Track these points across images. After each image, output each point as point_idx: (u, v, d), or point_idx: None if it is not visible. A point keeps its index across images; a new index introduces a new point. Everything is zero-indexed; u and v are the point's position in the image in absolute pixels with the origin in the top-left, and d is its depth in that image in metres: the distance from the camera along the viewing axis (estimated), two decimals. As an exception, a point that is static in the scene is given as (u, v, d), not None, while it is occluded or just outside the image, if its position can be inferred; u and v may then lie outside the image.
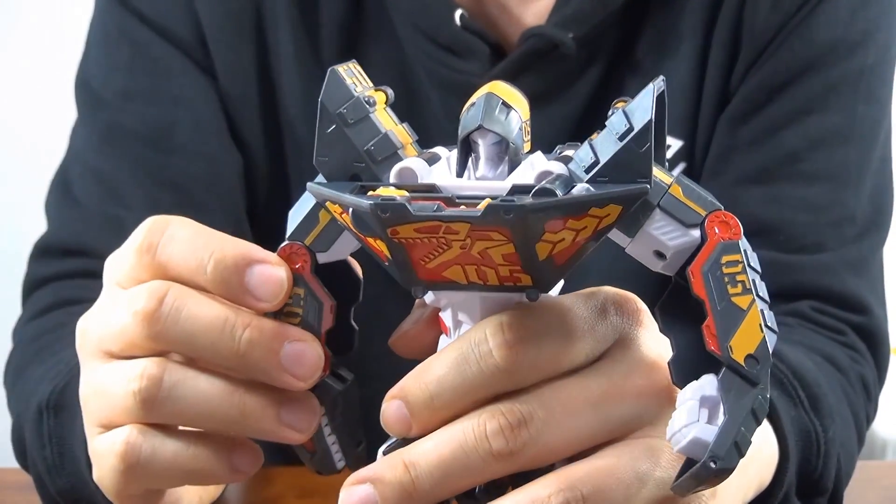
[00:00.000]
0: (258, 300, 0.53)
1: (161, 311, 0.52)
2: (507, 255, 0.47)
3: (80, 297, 0.88)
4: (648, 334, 0.53)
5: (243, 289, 0.52)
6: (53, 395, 0.72)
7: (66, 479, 0.71)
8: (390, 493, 0.50)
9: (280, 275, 0.52)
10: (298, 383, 0.53)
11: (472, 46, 0.90)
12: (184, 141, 0.93)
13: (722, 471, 0.47)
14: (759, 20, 0.90)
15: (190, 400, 0.53)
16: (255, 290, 0.52)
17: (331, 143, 0.52)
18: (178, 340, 0.53)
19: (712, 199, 0.49)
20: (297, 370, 0.53)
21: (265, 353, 0.52)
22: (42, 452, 0.72)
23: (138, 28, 0.93)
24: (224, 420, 0.54)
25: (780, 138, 0.90)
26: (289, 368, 0.52)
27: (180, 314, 0.52)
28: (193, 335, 0.53)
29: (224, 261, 0.53)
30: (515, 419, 0.50)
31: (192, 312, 0.53)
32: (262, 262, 0.53)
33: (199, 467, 0.55)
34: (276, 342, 0.52)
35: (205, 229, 0.54)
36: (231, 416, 0.53)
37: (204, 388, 0.53)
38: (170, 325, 0.52)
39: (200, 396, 0.53)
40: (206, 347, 0.53)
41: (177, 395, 0.53)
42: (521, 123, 0.49)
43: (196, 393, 0.53)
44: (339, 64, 0.53)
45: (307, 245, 0.53)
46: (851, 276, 0.89)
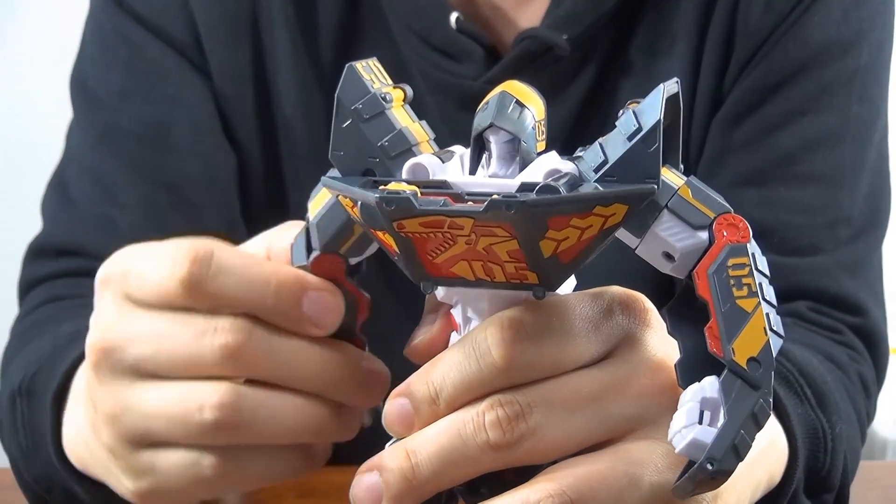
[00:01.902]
0: (317, 327, 0.56)
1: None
2: (512, 252, 0.48)
3: (72, 293, 0.88)
4: (655, 335, 0.53)
5: (301, 317, 0.55)
6: (25, 380, 0.72)
7: (40, 465, 0.71)
8: (393, 480, 0.51)
9: (334, 300, 0.56)
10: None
11: (466, 49, 0.90)
12: (179, 141, 0.93)
13: (719, 473, 0.47)
14: (752, 21, 0.90)
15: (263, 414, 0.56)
16: (314, 318, 0.56)
17: (346, 138, 0.52)
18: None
19: (722, 202, 0.50)
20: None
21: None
22: (16, 438, 0.73)
23: (134, 28, 0.93)
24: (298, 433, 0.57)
25: (775, 140, 0.90)
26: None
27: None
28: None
29: (282, 288, 0.55)
30: (513, 411, 0.50)
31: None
32: (317, 289, 0.55)
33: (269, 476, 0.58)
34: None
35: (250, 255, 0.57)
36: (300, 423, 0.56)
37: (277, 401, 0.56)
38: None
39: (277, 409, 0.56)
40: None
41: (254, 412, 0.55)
42: (535, 122, 0.49)
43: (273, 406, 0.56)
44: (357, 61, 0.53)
45: (343, 255, 0.56)
46: (847, 278, 0.90)
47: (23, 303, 0.92)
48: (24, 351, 0.79)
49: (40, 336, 0.79)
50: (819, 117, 0.90)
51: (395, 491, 0.51)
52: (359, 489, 0.52)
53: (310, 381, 0.56)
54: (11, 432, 0.73)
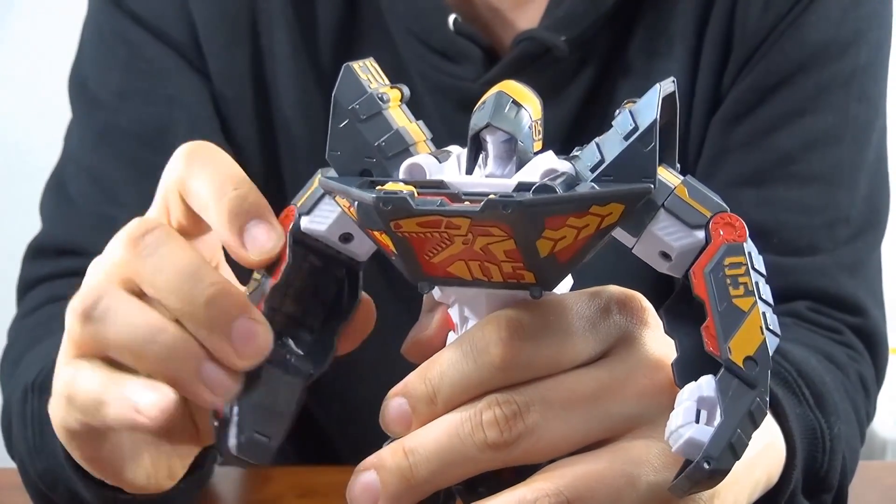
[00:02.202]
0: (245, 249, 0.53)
1: (143, 239, 0.54)
2: (509, 252, 0.48)
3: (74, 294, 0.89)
4: (652, 334, 0.53)
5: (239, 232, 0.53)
6: (40, 376, 0.72)
7: (45, 461, 0.71)
8: (390, 479, 0.51)
9: (275, 241, 0.53)
10: (236, 360, 0.51)
11: (465, 51, 0.90)
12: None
13: (716, 472, 0.47)
14: (750, 21, 0.90)
15: (119, 326, 0.53)
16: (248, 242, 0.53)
17: (343, 138, 0.52)
18: (146, 272, 0.53)
19: (718, 201, 0.50)
20: (244, 347, 0.51)
21: (220, 315, 0.51)
22: (24, 433, 0.73)
23: (133, 29, 0.93)
24: (146, 356, 0.52)
25: (773, 140, 0.90)
26: (236, 342, 0.51)
27: (158, 249, 0.53)
28: (161, 271, 0.52)
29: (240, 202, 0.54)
30: (511, 410, 0.50)
31: (170, 252, 0.53)
32: (268, 223, 0.53)
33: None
34: (235, 310, 0.51)
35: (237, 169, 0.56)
36: (155, 350, 0.52)
37: (136, 317, 0.52)
38: (144, 256, 0.53)
39: (129, 325, 0.52)
40: (168, 288, 0.52)
41: (108, 318, 0.53)
42: (531, 122, 0.50)
43: (126, 321, 0.53)
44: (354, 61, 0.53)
45: (296, 206, 0.54)
46: (846, 278, 0.90)
47: (22, 302, 0.92)
48: (39, 347, 0.79)
49: (52, 334, 0.78)
50: (818, 117, 0.90)
51: (393, 490, 0.51)
52: (356, 488, 0.52)
53: (179, 304, 0.52)
54: (21, 427, 0.73)
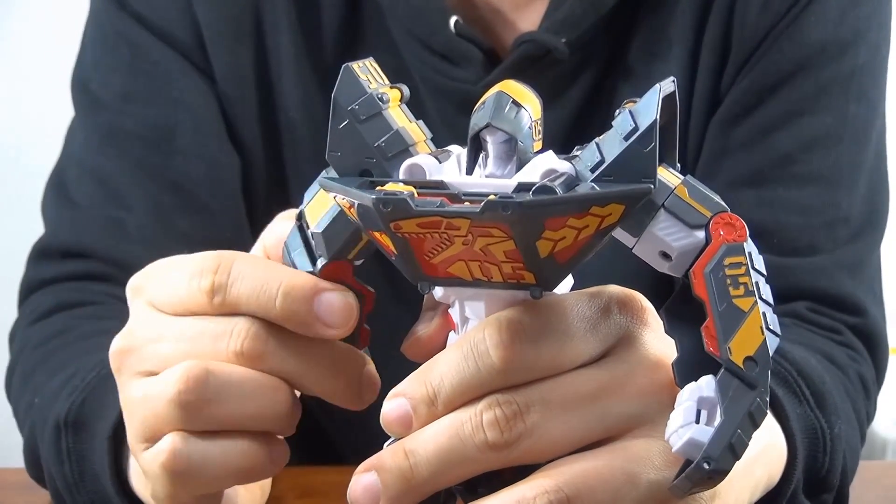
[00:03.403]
0: (329, 326, 0.55)
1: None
2: (509, 252, 0.48)
3: (83, 299, 0.88)
4: (653, 333, 0.53)
5: (313, 317, 0.55)
6: (72, 412, 0.72)
7: (87, 496, 0.71)
8: (391, 480, 0.51)
9: (348, 301, 0.55)
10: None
11: (466, 53, 0.90)
12: (184, 143, 0.93)
13: (716, 472, 0.47)
14: (748, 22, 0.90)
15: (233, 399, 0.55)
16: (325, 318, 0.55)
17: (343, 139, 0.53)
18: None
19: (718, 201, 0.50)
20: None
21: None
22: (61, 469, 0.72)
23: (136, 30, 0.93)
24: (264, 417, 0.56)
25: (772, 140, 0.90)
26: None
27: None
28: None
29: (292, 292, 0.55)
30: (511, 410, 0.50)
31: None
32: (330, 290, 0.55)
33: (245, 464, 0.56)
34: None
35: (269, 263, 0.57)
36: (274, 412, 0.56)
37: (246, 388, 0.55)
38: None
39: (244, 395, 0.55)
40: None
41: (219, 397, 0.55)
42: (531, 122, 0.50)
43: (240, 392, 0.55)
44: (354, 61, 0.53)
45: (351, 260, 0.56)
46: (846, 278, 0.90)
47: (26, 304, 0.92)
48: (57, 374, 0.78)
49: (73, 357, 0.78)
50: (817, 118, 0.90)
51: (394, 491, 0.51)
52: (357, 489, 0.52)
53: (319, 383, 0.56)
54: (56, 462, 0.73)
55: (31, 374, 0.82)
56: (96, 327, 0.83)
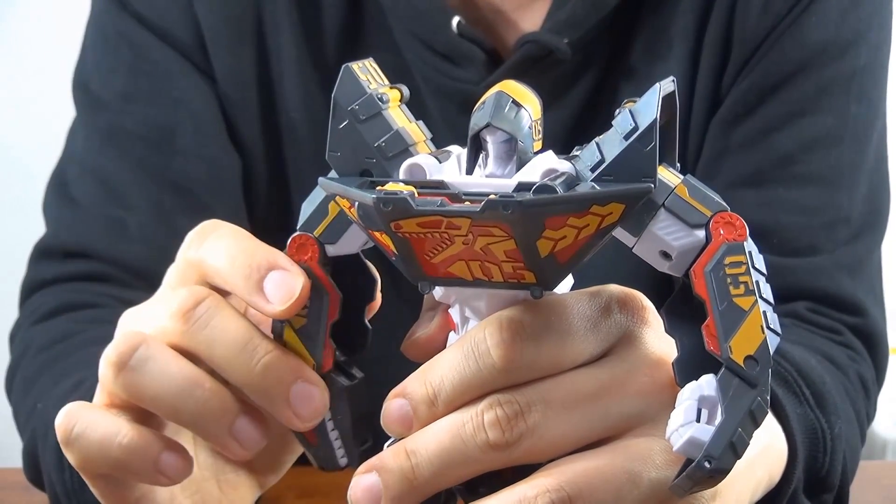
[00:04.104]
0: (269, 302, 0.53)
1: (195, 311, 0.54)
2: (509, 252, 0.48)
3: (84, 301, 0.88)
4: (653, 332, 0.53)
5: (259, 288, 0.53)
6: None
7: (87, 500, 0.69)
8: (393, 481, 0.51)
9: (295, 283, 0.53)
10: (298, 423, 0.54)
11: (468, 54, 0.90)
12: (185, 143, 0.93)
13: (717, 471, 0.47)
14: (749, 22, 0.90)
15: (155, 377, 0.53)
16: (269, 293, 0.53)
17: (343, 139, 0.52)
18: (202, 344, 0.54)
19: (719, 200, 0.50)
20: (302, 409, 0.54)
21: (276, 383, 0.53)
22: (61, 476, 0.72)
23: (137, 31, 0.94)
24: (181, 410, 0.54)
25: (773, 140, 0.90)
26: (294, 405, 0.54)
27: (210, 320, 0.54)
28: (216, 343, 0.54)
29: (250, 261, 0.53)
30: (512, 410, 0.50)
31: (222, 323, 0.54)
32: (283, 269, 0.53)
33: (123, 457, 0.54)
34: (291, 375, 0.53)
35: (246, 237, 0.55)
36: (191, 405, 0.54)
37: (173, 370, 0.54)
38: (198, 329, 0.54)
39: (166, 377, 0.54)
40: (225, 359, 0.53)
41: (145, 368, 0.53)
42: (531, 122, 0.50)
43: (163, 373, 0.54)
44: (354, 61, 0.53)
45: (316, 236, 0.54)
46: (846, 278, 0.90)
47: (26, 304, 0.92)
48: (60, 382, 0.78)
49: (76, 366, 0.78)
50: (817, 118, 0.90)
51: (395, 492, 0.51)
52: (358, 490, 0.52)
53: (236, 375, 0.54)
54: (56, 469, 0.73)
55: (35, 379, 0.82)
56: (100, 333, 0.82)
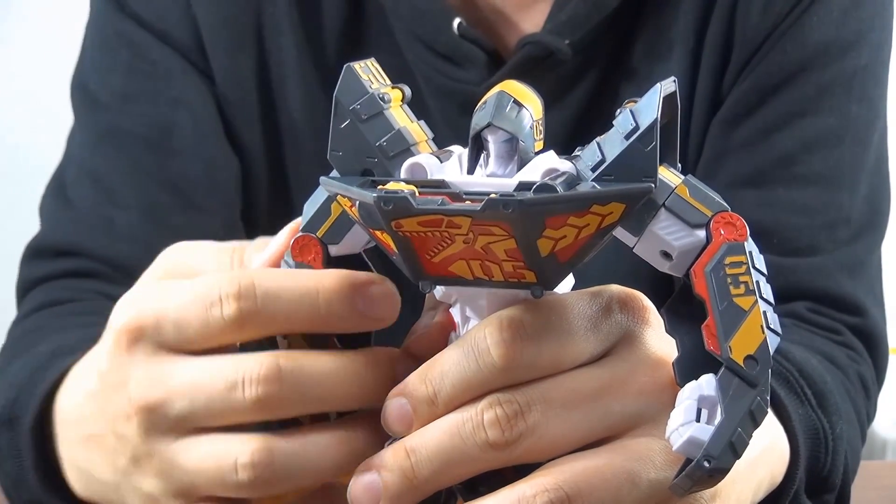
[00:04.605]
0: (378, 321, 0.54)
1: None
2: (510, 251, 0.48)
3: (68, 297, 0.88)
4: (654, 332, 0.54)
5: (360, 316, 0.53)
6: (7, 408, 0.69)
7: (30, 492, 0.68)
8: (392, 479, 0.51)
9: (387, 288, 0.53)
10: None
11: (469, 55, 0.90)
12: (182, 143, 0.93)
13: (716, 471, 0.48)
14: (750, 22, 0.90)
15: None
16: (372, 313, 0.53)
17: (344, 138, 0.53)
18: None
19: (719, 200, 0.50)
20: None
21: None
22: (3, 467, 0.70)
23: (136, 31, 0.94)
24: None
25: (774, 141, 0.90)
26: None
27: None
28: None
29: (333, 296, 0.53)
30: (512, 410, 0.50)
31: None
32: (367, 285, 0.53)
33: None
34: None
35: (287, 271, 0.54)
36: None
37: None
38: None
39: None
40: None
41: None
42: (533, 122, 0.50)
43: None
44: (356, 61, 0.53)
45: (319, 237, 0.54)
46: (846, 278, 0.90)
47: (21, 304, 0.92)
48: (8, 370, 0.76)
49: (24, 352, 0.76)
50: (818, 118, 0.90)
51: (395, 490, 0.51)
52: (357, 488, 0.52)
53: (347, 399, 0.54)
54: (2, 459, 0.71)
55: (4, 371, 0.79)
56: (63, 325, 0.82)
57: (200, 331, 0.53)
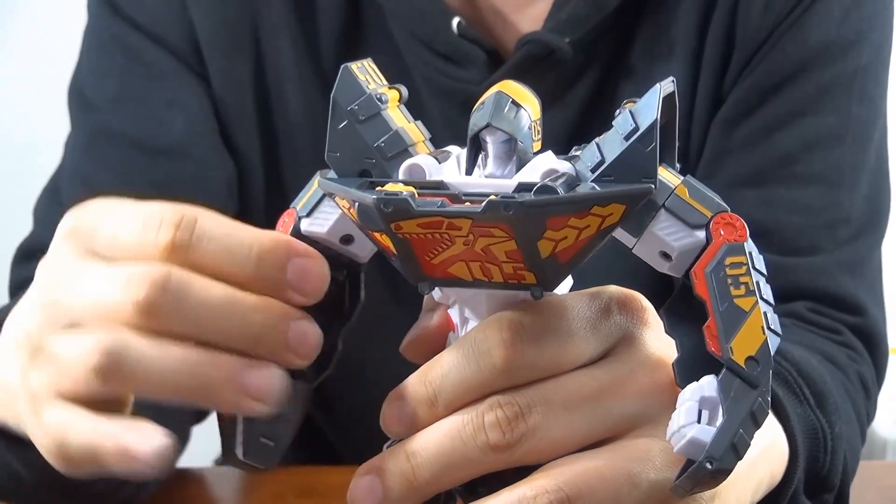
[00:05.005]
0: (300, 294, 0.51)
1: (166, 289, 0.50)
2: (510, 252, 0.48)
3: None
4: (653, 333, 0.53)
5: (285, 283, 0.51)
6: None
7: None
8: (392, 483, 0.51)
9: (321, 269, 0.51)
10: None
11: (469, 54, 0.90)
12: (173, 143, 0.93)
13: (718, 472, 0.47)
14: (751, 22, 0.90)
15: (151, 365, 0.50)
16: (297, 285, 0.51)
17: (342, 139, 0.52)
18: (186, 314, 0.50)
19: (719, 201, 0.50)
20: (300, 348, 0.51)
21: (271, 328, 0.50)
22: None
23: (131, 34, 0.93)
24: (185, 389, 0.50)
25: (774, 140, 0.90)
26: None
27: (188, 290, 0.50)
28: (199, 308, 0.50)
29: (267, 256, 0.51)
30: (513, 412, 0.50)
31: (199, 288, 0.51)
32: (303, 257, 0.51)
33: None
34: (285, 318, 0.50)
35: (235, 223, 0.53)
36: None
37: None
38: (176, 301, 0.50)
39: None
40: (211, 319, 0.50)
41: (136, 362, 0.49)
42: (531, 122, 0.50)
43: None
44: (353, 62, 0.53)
45: (297, 208, 0.54)
46: (846, 278, 0.90)
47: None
48: None
49: None
50: (819, 118, 0.90)
51: (395, 493, 0.51)
52: (358, 491, 0.52)
53: (228, 335, 0.50)
54: None
55: None
56: None
57: (131, 247, 0.51)
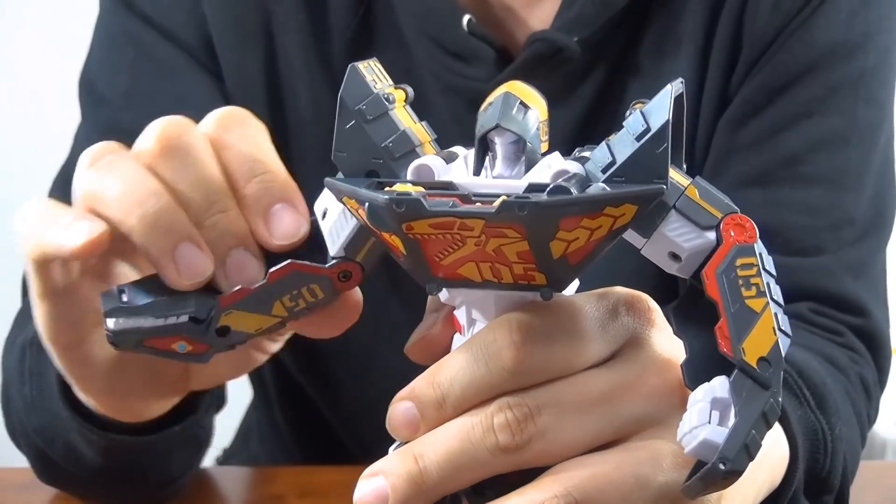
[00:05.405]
0: (272, 236, 0.54)
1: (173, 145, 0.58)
2: (522, 253, 0.47)
3: None
4: (661, 334, 0.53)
5: (266, 216, 0.54)
6: (34, 332, 0.70)
7: (43, 415, 0.71)
8: (400, 484, 0.51)
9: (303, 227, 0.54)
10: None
11: (478, 52, 0.90)
12: None
13: (731, 473, 0.47)
14: (759, 22, 0.90)
15: (119, 174, 0.56)
16: (273, 224, 0.54)
17: (349, 139, 0.52)
18: None
19: (728, 202, 0.50)
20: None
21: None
22: (22, 390, 0.73)
23: (143, 30, 0.94)
24: (134, 213, 0.55)
25: (780, 141, 0.90)
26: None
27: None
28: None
29: (272, 182, 0.54)
30: (522, 413, 0.50)
31: None
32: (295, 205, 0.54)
33: None
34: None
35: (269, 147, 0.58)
36: (140, 213, 0.55)
37: (138, 173, 0.56)
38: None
39: (130, 176, 0.56)
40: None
41: (113, 167, 0.56)
42: (539, 123, 0.49)
43: (128, 173, 0.56)
44: (360, 61, 0.53)
45: (359, 262, 0.55)
46: (850, 279, 0.90)
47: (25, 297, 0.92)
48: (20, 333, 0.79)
49: None
50: (825, 119, 0.90)
51: (403, 495, 0.51)
52: (364, 493, 0.51)
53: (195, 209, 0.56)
54: (18, 384, 0.73)
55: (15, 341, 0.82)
56: None
57: None
